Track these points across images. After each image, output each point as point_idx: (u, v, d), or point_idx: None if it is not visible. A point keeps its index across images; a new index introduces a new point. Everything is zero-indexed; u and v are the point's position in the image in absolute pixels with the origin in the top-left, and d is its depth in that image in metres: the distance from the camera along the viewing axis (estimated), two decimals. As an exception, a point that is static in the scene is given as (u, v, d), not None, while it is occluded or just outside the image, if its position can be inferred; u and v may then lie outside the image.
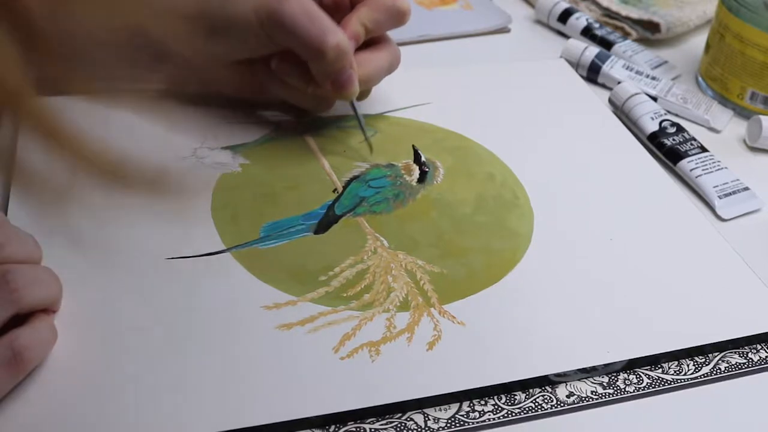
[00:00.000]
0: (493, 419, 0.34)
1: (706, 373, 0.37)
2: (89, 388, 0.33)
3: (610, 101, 0.57)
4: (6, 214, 0.40)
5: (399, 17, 0.47)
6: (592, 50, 0.61)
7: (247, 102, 0.50)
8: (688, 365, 0.38)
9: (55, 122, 0.23)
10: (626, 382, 0.36)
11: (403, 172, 0.47)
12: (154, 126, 0.48)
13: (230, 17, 0.44)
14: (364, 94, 0.50)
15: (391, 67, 0.49)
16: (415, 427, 0.33)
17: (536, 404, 0.35)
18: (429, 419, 0.34)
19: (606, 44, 0.64)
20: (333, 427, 0.33)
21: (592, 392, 0.36)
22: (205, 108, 0.50)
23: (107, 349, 0.31)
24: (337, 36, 0.43)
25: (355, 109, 0.47)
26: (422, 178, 0.46)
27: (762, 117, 0.54)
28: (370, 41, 0.47)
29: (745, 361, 0.38)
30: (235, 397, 0.33)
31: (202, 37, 0.46)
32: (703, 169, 0.50)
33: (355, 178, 0.46)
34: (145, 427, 0.32)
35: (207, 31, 0.45)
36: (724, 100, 0.58)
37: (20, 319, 0.32)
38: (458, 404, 0.35)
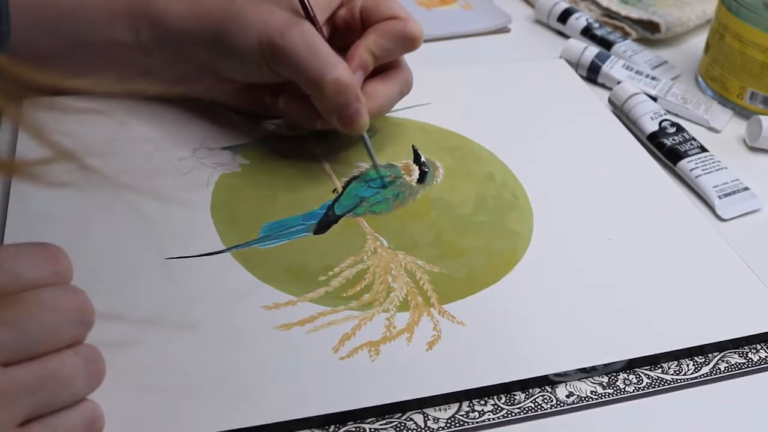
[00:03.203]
0: (493, 419, 0.34)
1: (706, 373, 0.37)
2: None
3: (610, 101, 0.57)
4: (6, 213, 0.40)
5: (410, 43, 0.45)
6: (592, 50, 0.61)
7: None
8: (687, 365, 0.38)
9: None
10: (626, 382, 0.36)
11: (402, 172, 0.47)
12: (154, 126, 0.48)
13: (234, 47, 0.43)
14: (370, 129, 0.49)
15: (402, 94, 0.47)
16: (415, 427, 0.33)
17: (536, 404, 0.35)
18: (429, 419, 0.34)
19: (606, 44, 0.64)
20: (333, 427, 0.33)
21: (591, 392, 0.36)
22: (205, 108, 0.50)
23: (106, 349, 0.31)
24: (336, 70, 0.41)
25: (366, 143, 0.45)
26: (422, 178, 0.46)
27: (762, 117, 0.54)
28: (381, 67, 0.46)
29: (744, 361, 0.38)
30: (235, 397, 0.33)
31: (210, 61, 0.45)
32: (702, 169, 0.50)
33: (354, 178, 0.46)
34: (144, 427, 0.32)
35: (214, 54, 0.45)
36: (723, 100, 0.58)
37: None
38: (458, 404, 0.35)
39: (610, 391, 0.36)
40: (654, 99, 0.57)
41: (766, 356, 0.38)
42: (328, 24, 0.46)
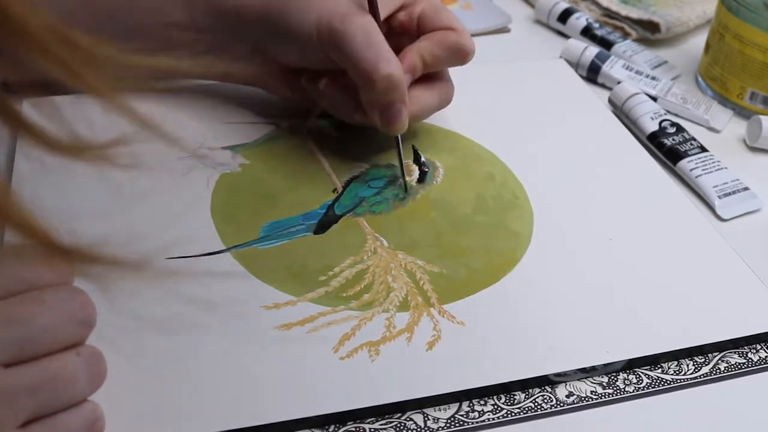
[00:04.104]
0: (493, 419, 0.34)
1: (706, 373, 0.37)
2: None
3: (610, 101, 0.57)
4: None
5: (461, 56, 0.45)
6: (592, 50, 0.61)
7: (257, 100, 0.50)
8: (687, 365, 0.38)
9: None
10: (626, 382, 0.36)
11: (402, 172, 0.47)
12: (154, 126, 0.48)
13: (290, 27, 0.43)
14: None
15: (441, 105, 0.47)
16: (415, 427, 0.33)
17: (536, 404, 0.35)
18: (428, 419, 0.34)
19: (606, 44, 0.64)
20: (333, 427, 0.33)
21: (591, 392, 0.36)
22: (205, 108, 0.50)
23: (105, 349, 0.31)
24: (390, 66, 0.41)
25: (398, 145, 0.45)
26: (422, 178, 0.46)
27: (762, 117, 0.54)
28: (426, 75, 0.46)
29: (744, 361, 0.38)
30: (235, 397, 0.33)
31: (264, 42, 0.45)
32: (702, 169, 0.50)
33: (354, 178, 0.46)
34: (144, 427, 0.32)
35: (268, 35, 0.45)
36: (723, 100, 0.58)
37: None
38: (458, 404, 0.35)
39: (610, 391, 0.36)
40: (654, 99, 0.57)
41: (766, 356, 0.38)
42: (385, 24, 0.46)
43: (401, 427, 0.33)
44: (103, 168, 0.24)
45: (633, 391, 0.36)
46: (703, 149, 0.51)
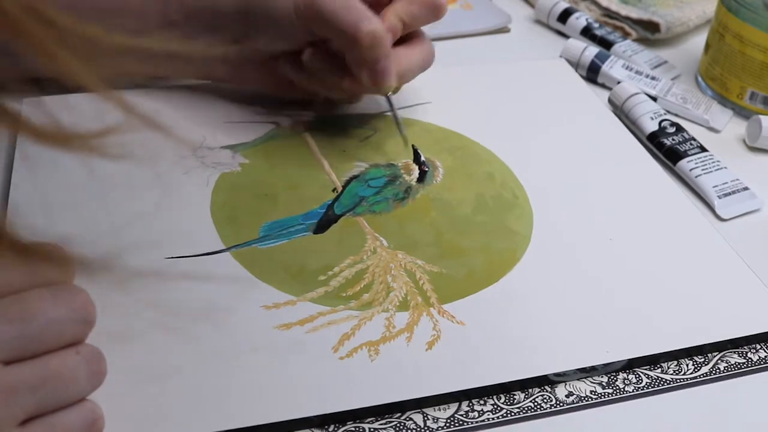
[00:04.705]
0: (493, 419, 0.34)
1: (706, 373, 0.37)
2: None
3: (610, 101, 0.57)
4: (6, 212, 0.40)
5: (435, 11, 0.47)
6: (592, 50, 0.61)
7: (257, 100, 0.50)
8: (687, 365, 0.38)
9: None
10: (625, 381, 0.36)
11: (402, 171, 0.47)
12: (154, 126, 0.48)
13: (271, 10, 0.44)
14: (394, 91, 0.50)
15: (425, 64, 0.48)
16: (415, 427, 0.33)
17: (535, 404, 0.35)
18: (428, 419, 0.34)
19: (606, 44, 0.64)
20: (332, 426, 0.33)
21: (591, 392, 0.36)
22: (205, 108, 0.50)
23: (105, 349, 0.31)
24: (372, 23, 0.42)
25: (390, 104, 0.47)
26: (422, 177, 0.46)
27: (761, 117, 0.54)
28: (405, 37, 0.47)
29: (744, 360, 0.38)
30: (234, 396, 0.33)
31: (244, 35, 0.46)
32: (702, 169, 0.50)
33: (354, 177, 0.46)
34: (144, 427, 0.32)
35: (248, 25, 0.46)
36: (723, 100, 0.58)
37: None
38: (457, 404, 0.35)
39: (610, 390, 0.36)
40: (654, 99, 0.57)
41: (765, 356, 0.38)
42: None
43: (401, 427, 0.33)
44: (91, 158, 0.24)
45: (633, 391, 0.36)
46: (703, 149, 0.51)
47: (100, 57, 0.23)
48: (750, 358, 0.38)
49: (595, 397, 0.36)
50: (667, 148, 0.52)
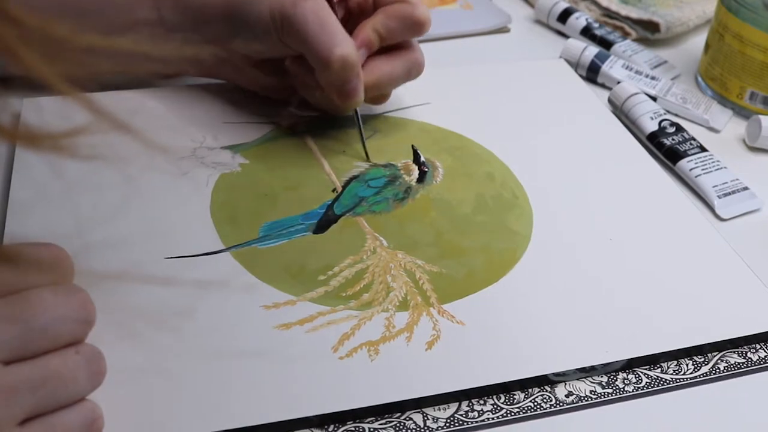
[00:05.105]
0: (492, 419, 0.34)
1: (705, 373, 0.37)
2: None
3: (610, 101, 0.57)
4: (6, 211, 0.40)
5: (416, 27, 0.46)
6: (592, 50, 0.61)
7: (257, 100, 0.51)
8: (687, 365, 0.38)
9: None
10: (625, 381, 0.36)
11: (402, 172, 0.47)
12: (154, 126, 0.48)
13: (248, 20, 0.44)
14: (381, 99, 0.50)
15: (410, 75, 0.48)
16: (414, 427, 0.33)
17: (535, 404, 0.35)
18: (428, 419, 0.34)
19: (605, 44, 0.64)
20: (332, 426, 0.33)
21: (591, 392, 0.36)
22: (205, 108, 0.50)
23: (105, 349, 0.31)
24: (345, 48, 0.42)
25: (357, 118, 0.47)
26: (421, 177, 0.46)
27: (761, 117, 0.54)
28: (391, 46, 0.47)
29: (744, 360, 0.38)
30: (234, 396, 0.33)
31: (227, 36, 0.46)
32: (702, 169, 0.50)
33: (354, 177, 0.46)
34: (143, 427, 0.32)
35: (230, 30, 0.46)
36: (723, 100, 0.58)
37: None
38: (457, 404, 0.35)
39: (610, 390, 0.36)
40: (654, 99, 0.57)
41: (765, 356, 0.38)
42: (341, 6, 0.47)
43: (401, 427, 0.33)
44: (62, 158, 0.24)
45: (632, 391, 0.36)
46: (703, 149, 0.51)
47: (68, 56, 0.23)
48: (750, 358, 0.38)
49: (595, 397, 0.36)
50: (666, 148, 0.52)
